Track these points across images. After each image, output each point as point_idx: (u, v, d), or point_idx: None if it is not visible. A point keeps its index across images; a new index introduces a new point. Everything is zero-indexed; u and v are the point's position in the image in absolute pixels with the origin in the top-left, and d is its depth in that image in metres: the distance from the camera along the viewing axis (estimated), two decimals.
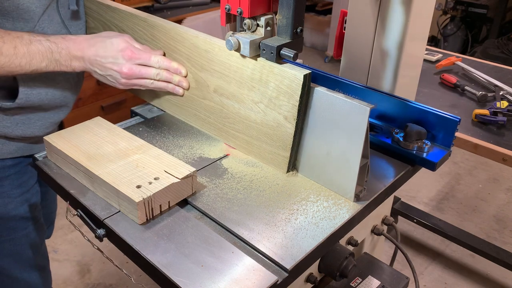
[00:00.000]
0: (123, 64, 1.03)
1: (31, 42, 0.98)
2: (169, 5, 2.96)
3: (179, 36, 1.07)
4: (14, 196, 1.14)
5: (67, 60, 1.02)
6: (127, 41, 1.06)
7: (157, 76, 1.07)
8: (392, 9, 1.03)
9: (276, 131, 0.96)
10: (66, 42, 1.02)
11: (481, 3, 3.81)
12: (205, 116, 1.10)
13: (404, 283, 1.07)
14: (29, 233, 1.20)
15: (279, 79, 0.91)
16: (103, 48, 1.03)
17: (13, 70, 0.97)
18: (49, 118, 1.14)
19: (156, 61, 1.07)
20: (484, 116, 1.57)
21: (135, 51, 1.04)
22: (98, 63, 1.03)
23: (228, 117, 1.05)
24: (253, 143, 1.02)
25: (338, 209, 0.90)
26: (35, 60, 0.98)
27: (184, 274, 0.75)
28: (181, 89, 1.11)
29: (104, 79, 1.07)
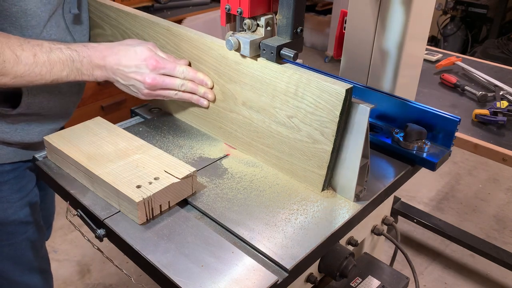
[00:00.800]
0: (146, 74, 0.99)
1: (51, 50, 0.94)
2: (169, 5, 2.96)
3: (206, 46, 1.01)
4: (13, 200, 1.13)
5: (89, 69, 0.99)
6: (151, 49, 1.02)
7: (182, 87, 1.03)
8: (392, 9, 1.03)
9: (311, 148, 0.90)
10: (87, 51, 0.98)
11: (481, 3, 3.81)
12: (231, 130, 1.05)
13: (404, 283, 1.07)
14: (29, 237, 1.19)
15: (317, 93, 0.86)
16: (126, 57, 0.99)
17: (33, 79, 0.93)
18: (49, 125, 1.13)
19: (181, 72, 1.02)
20: (484, 116, 1.57)
21: (159, 60, 1.00)
22: (121, 72, 1.00)
23: (257, 131, 1.00)
24: (284, 159, 0.96)
25: (338, 209, 0.90)
26: (56, 69, 0.95)
27: (184, 274, 0.75)
28: (206, 100, 1.07)
29: (126, 88, 1.04)
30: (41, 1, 1.00)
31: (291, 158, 0.95)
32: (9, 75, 0.90)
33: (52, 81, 0.96)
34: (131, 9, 1.15)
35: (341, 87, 0.83)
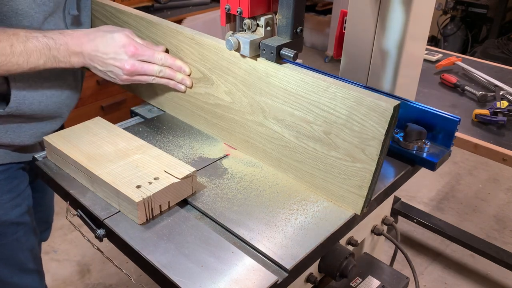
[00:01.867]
0: (125, 60, 1.00)
1: (27, 39, 0.94)
2: (169, 5, 2.96)
3: (234, 57, 0.98)
4: (3, 201, 1.12)
5: (65, 56, 0.98)
6: (129, 36, 1.02)
7: (160, 73, 1.05)
8: (392, 9, 1.03)
9: (350, 166, 0.85)
10: (64, 38, 0.98)
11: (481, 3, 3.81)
12: (259, 144, 1.00)
13: (404, 283, 1.07)
14: (19, 238, 1.18)
15: (359, 110, 0.80)
16: (103, 43, 0.99)
17: (11, 69, 0.94)
18: (41, 128, 1.12)
19: (160, 58, 1.04)
20: (484, 116, 1.57)
21: (138, 47, 1.01)
22: (99, 59, 1.00)
23: (288, 146, 0.95)
24: (319, 177, 0.91)
25: (338, 209, 0.90)
26: (33, 57, 0.94)
27: (184, 274, 0.75)
28: (183, 86, 1.09)
29: (104, 75, 1.04)
30: (35, 1, 0.99)
31: (327, 176, 0.90)
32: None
33: (29, 69, 0.96)
34: (152, 16, 1.13)
35: (388, 104, 0.77)
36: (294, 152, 0.94)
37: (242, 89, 0.99)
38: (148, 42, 1.07)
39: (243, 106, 1.00)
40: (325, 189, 0.91)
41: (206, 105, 1.08)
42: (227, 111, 1.04)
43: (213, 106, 1.07)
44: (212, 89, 1.05)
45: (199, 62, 1.05)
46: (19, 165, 1.15)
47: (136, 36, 1.05)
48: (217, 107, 1.06)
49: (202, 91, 1.07)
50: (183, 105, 1.15)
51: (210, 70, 1.03)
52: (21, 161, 1.13)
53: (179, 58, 1.07)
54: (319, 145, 0.88)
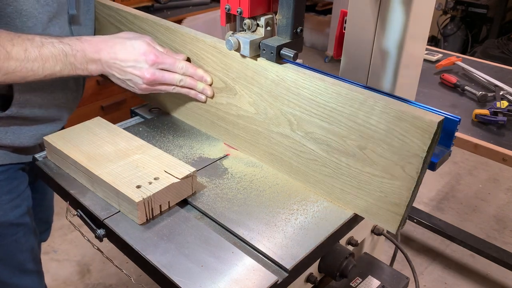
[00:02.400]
0: (145, 69, 0.97)
1: (43, 44, 0.91)
2: (169, 5, 2.96)
3: (260, 67, 0.94)
4: (3, 202, 1.11)
5: (82, 63, 0.95)
6: (150, 43, 0.99)
7: (181, 82, 1.02)
8: (392, 9, 1.03)
9: (388, 183, 0.81)
10: (81, 44, 0.95)
11: (481, 3, 3.81)
12: (286, 158, 0.96)
13: (404, 283, 1.07)
14: (19, 239, 1.17)
15: (400, 125, 0.76)
16: (123, 51, 0.96)
17: (25, 75, 0.90)
18: (41, 130, 1.10)
19: (181, 67, 1.01)
20: (484, 116, 1.57)
21: (159, 55, 0.98)
22: (117, 67, 0.97)
23: (317, 161, 0.90)
24: (351, 193, 0.87)
25: (338, 209, 0.90)
26: (48, 63, 0.91)
27: (184, 274, 0.75)
28: (203, 96, 1.06)
29: (122, 83, 1.01)
30: (38, 2, 0.97)
31: (360, 193, 0.86)
32: (0, 71, 0.87)
33: (45, 76, 0.93)
34: (170, 22, 1.09)
35: (432, 119, 0.72)
36: (324, 167, 0.90)
37: (267, 100, 0.95)
38: (168, 50, 1.04)
39: (268, 118, 0.96)
40: (358, 206, 0.87)
41: (228, 115, 1.05)
42: (250, 122, 1.00)
43: (236, 117, 1.03)
44: (235, 99, 1.01)
45: (221, 71, 1.01)
46: (19, 166, 1.14)
47: (157, 44, 1.02)
48: (239, 118, 1.02)
49: (224, 101, 1.04)
50: (202, 115, 1.11)
51: (233, 80, 1.00)
52: (21, 162, 1.13)
53: (199, 66, 1.04)
54: (353, 160, 0.84)
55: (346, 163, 0.86)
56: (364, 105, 0.79)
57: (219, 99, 1.05)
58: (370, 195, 0.84)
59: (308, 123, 0.89)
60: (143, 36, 1.01)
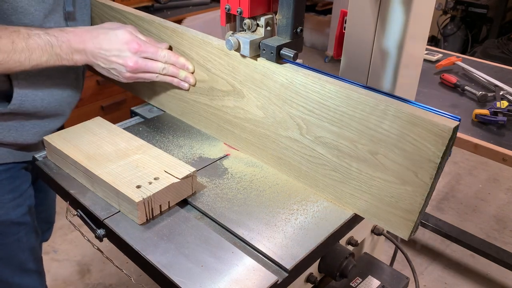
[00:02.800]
0: (128, 57, 0.99)
1: (29, 36, 0.93)
2: (169, 5, 2.96)
3: (269, 70, 0.92)
4: (5, 201, 1.12)
5: (68, 53, 0.97)
6: (132, 32, 1.01)
7: (163, 70, 1.04)
8: (392, 9, 1.03)
9: (399, 189, 0.79)
10: (66, 35, 0.97)
11: (481, 3, 3.81)
12: (295, 162, 0.95)
13: (404, 283, 1.07)
14: (20, 238, 1.18)
15: (413, 129, 0.74)
16: (106, 40, 0.98)
17: (12, 66, 0.93)
18: (44, 126, 1.11)
19: (163, 56, 1.03)
20: (484, 116, 1.57)
21: (141, 43, 1.00)
22: (102, 56, 0.99)
23: (327, 165, 0.89)
24: (362, 199, 0.86)
25: (338, 209, 0.90)
26: (35, 55, 0.94)
27: (184, 274, 0.75)
28: (186, 84, 1.08)
29: (107, 72, 1.03)
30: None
31: (371, 199, 0.84)
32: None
33: (32, 67, 0.95)
34: (177, 25, 1.09)
35: (447, 124, 0.70)
36: (333, 171, 0.88)
37: (276, 103, 0.93)
38: (151, 39, 1.06)
39: (276, 121, 0.95)
40: (368, 212, 0.86)
41: (235, 119, 1.03)
42: (258, 126, 0.99)
43: (243, 120, 1.02)
44: (242, 102, 1.00)
45: (229, 74, 1.00)
46: (22, 164, 1.15)
47: (139, 33, 1.04)
48: (247, 121, 1.01)
49: (231, 104, 1.02)
50: (208, 118, 1.10)
51: (241, 83, 0.98)
52: (24, 160, 1.13)
53: (206, 69, 1.04)
54: (364, 165, 0.83)
55: (356, 168, 0.84)
56: (376, 110, 0.78)
57: (226, 102, 1.04)
58: (381, 200, 0.83)
59: (317, 127, 0.88)
60: (126, 25, 1.03)
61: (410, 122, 0.74)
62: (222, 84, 1.03)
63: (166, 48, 1.06)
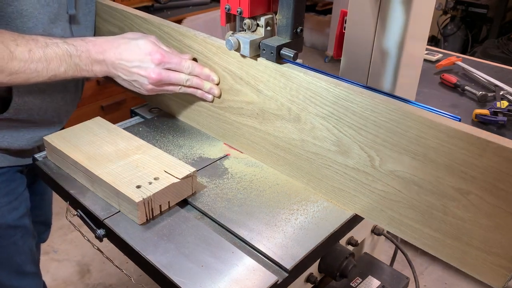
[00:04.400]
0: (151, 68, 0.95)
1: (47, 45, 0.90)
2: (169, 5, 2.96)
3: (343, 100, 0.82)
4: (1, 204, 1.11)
5: (87, 64, 0.94)
6: (155, 43, 0.97)
7: (187, 82, 1.00)
8: (392, 9, 1.03)
9: (493, 233, 0.70)
10: (86, 45, 0.94)
11: (481, 3, 3.80)
12: (364, 197, 0.86)
13: (404, 283, 1.07)
14: (17, 241, 1.17)
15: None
16: (128, 51, 0.95)
17: (30, 76, 0.89)
18: (39, 133, 1.10)
19: (187, 67, 0.99)
20: (484, 116, 1.56)
21: (164, 54, 0.96)
22: (123, 67, 0.95)
23: (401, 201, 0.80)
24: (444, 241, 0.77)
25: (338, 209, 0.90)
26: (53, 64, 0.90)
27: (184, 274, 0.75)
28: (210, 95, 1.04)
29: (128, 84, 1.00)
30: (39, 2, 0.97)
31: (456, 243, 0.75)
32: (4, 72, 0.86)
33: (50, 77, 0.92)
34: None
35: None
36: (411, 209, 0.79)
37: (344, 130, 0.83)
38: (173, 50, 1.02)
39: (341, 151, 0.85)
40: (452, 256, 0.78)
41: (288, 144, 0.95)
42: (317, 154, 0.90)
43: (298, 148, 0.93)
44: (298, 127, 0.91)
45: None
46: (17, 168, 1.14)
47: (162, 43, 1.00)
48: (302, 148, 0.93)
49: (296, 137, 0.93)
50: (256, 142, 1.02)
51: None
52: (19, 164, 1.13)
53: (257, 90, 0.95)
54: (450, 205, 0.73)
55: (441, 208, 0.75)
56: (473, 145, 0.68)
57: (279, 126, 0.94)
58: (469, 245, 0.74)
59: (394, 160, 0.78)
60: (148, 35, 1.00)
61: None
62: (277, 107, 0.93)
63: (190, 58, 1.02)
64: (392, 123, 0.76)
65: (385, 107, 0.76)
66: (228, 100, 1.02)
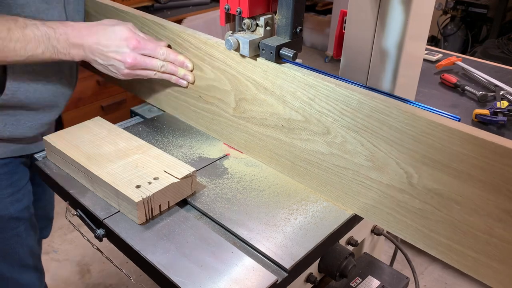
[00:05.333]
0: (127, 53, 0.98)
1: (26, 25, 0.92)
2: (169, 5, 2.96)
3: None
4: (3, 196, 1.12)
5: (65, 47, 0.96)
6: (131, 29, 1.01)
7: (162, 68, 1.03)
8: (392, 9, 1.03)
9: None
10: (65, 28, 0.96)
11: (481, 3, 3.80)
12: (398, 215, 0.82)
13: (404, 283, 1.07)
14: (19, 233, 1.18)
15: None
16: (105, 36, 0.98)
17: (7, 55, 0.91)
18: (39, 119, 1.11)
19: (162, 53, 1.02)
20: (484, 116, 1.56)
21: (140, 40, 1.00)
22: (100, 52, 0.98)
23: (442, 222, 0.76)
24: (487, 264, 0.72)
25: (338, 209, 0.90)
26: (31, 45, 0.92)
27: (183, 274, 0.75)
28: (185, 81, 1.07)
29: (105, 69, 1.03)
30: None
31: (502, 266, 0.71)
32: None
33: (27, 57, 0.94)
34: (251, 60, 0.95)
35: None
36: (451, 229, 0.76)
37: (379, 146, 0.79)
38: (149, 37, 1.05)
39: (376, 166, 0.81)
40: (496, 279, 0.73)
41: (321, 161, 0.90)
42: (347, 168, 0.86)
43: (326, 163, 0.89)
44: (327, 138, 0.87)
45: (315, 110, 0.86)
46: (20, 159, 1.15)
47: (138, 30, 1.03)
48: (332, 162, 0.89)
49: (325, 149, 0.88)
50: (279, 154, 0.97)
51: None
52: (22, 155, 1.13)
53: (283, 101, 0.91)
54: (497, 227, 0.69)
55: (485, 230, 0.71)
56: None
57: (316, 147, 0.89)
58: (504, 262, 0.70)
59: (434, 177, 0.74)
60: (125, 22, 1.03)
61: None
62: (303, 119, 0.89)
63: (165, 45, 1.05)
64: (434, 139, 0.71)
65: (427, 123, 0.72)
66: (251, 110, 0.99)
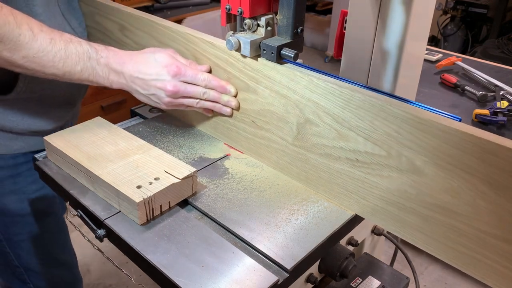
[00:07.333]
0: (167, 80, 0.94)
1: (71, 41, 0.90)
2: (169, 5, 2.96)
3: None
4: (29, 192, 1.12)
5: (104, 71, 0.94)
6: (172, 55, 0.97)
7: (204, 95, 0.99)
8: (392, 9, 1.03)
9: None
10: (107, 51, 0.94)
11: (481, 3, 3.81)
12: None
13: (404, 283, 1.07)
14: (51, 229, 1.19)
15: None
16: (146, 65, 0.95)
17: (45, 65, 0.88)
18: (56, 112, 1.11)
19: (203, 79, 0.97)
20: (484, 116, 1.56)
21: (181, 66, 0.96)
22: (140, 80, 0.95)
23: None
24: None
25: (339, 209, 0.90)
26: (70, 60, 0.90)
27: (184, 274, 0.75)
28: (229, 109, 1.02)
29: (146, 99, 0.99)
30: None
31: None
32: (21, 51, 0.85)
33: (64, 73, 0.91)
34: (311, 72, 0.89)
35: None
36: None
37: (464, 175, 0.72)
38: (191, 62, 1.01)
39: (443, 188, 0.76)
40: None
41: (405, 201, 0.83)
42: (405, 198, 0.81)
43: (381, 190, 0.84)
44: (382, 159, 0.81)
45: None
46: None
47: (179, 56, 1.00)
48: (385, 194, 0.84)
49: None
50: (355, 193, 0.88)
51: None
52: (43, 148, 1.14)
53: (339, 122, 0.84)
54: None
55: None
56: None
57: (400, 185, 0.81)
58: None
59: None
60: (166, 49, 1.00)
61: None
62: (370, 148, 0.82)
63: (206, 70, 1.01)
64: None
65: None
66: (311, 139, 0.90)
